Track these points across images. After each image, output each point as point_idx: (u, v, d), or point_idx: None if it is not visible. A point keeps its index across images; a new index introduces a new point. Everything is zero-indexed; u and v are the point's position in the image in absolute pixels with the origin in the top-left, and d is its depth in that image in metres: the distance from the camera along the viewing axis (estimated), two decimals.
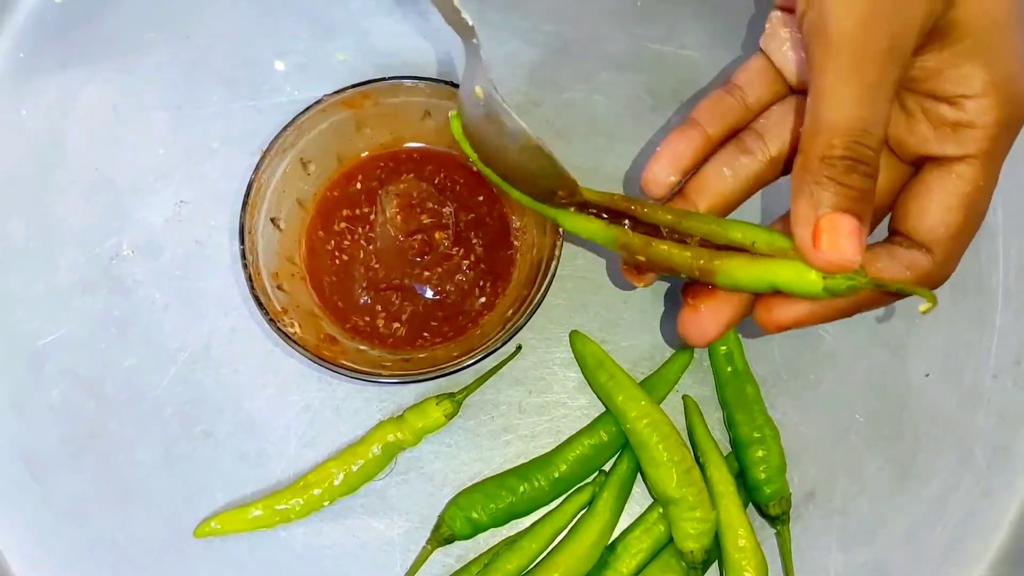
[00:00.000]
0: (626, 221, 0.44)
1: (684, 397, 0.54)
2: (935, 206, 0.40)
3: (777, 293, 0.41)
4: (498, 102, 0.42)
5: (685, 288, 0.45)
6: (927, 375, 0.55)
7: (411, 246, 0.53)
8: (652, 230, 0.44)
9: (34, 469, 0.54)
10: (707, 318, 0.43)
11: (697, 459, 0.52)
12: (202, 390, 0.55)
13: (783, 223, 0.44)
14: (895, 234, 0.42)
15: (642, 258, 0.44)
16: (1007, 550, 0.54)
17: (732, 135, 0.46)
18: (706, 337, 0.43)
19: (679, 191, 0.46)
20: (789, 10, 0.46)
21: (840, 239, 0.37)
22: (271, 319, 0.48)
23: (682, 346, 0.55)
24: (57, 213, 0.57)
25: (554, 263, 0.49)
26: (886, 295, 0.41)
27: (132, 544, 0.53)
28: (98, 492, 0.54)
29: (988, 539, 0.54)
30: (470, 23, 0.42)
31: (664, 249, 0.43)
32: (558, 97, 0.59)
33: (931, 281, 0.41)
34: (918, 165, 0.42)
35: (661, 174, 0.46)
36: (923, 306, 0.39)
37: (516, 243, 0.55)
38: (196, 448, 0.54)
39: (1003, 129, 0.39)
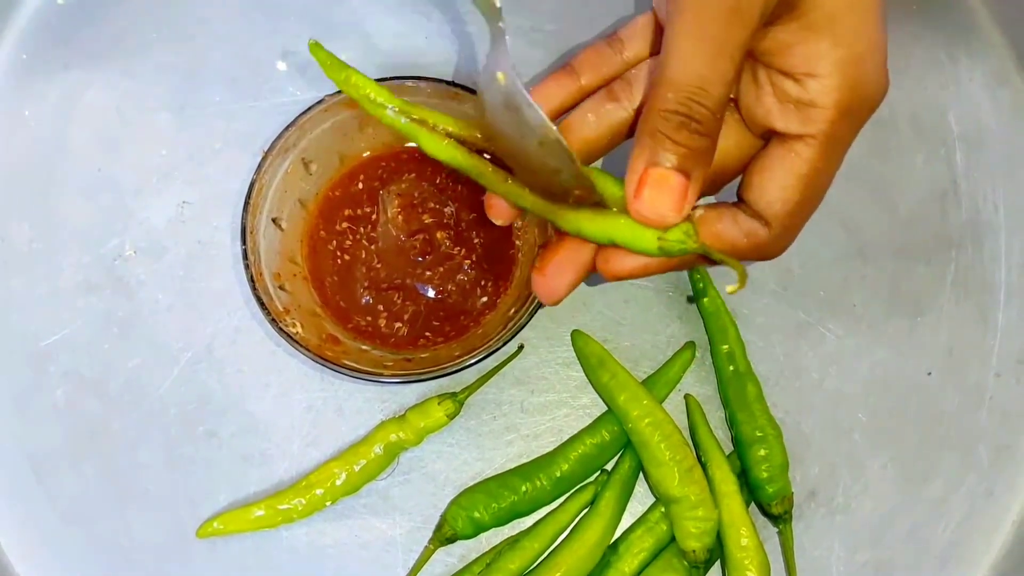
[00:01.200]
0: (487, 155, 0.43)
1: (686, 396, 0.54)
2: (773, 182, 0.39)
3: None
4: (520, 91, 0.41)
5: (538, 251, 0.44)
6: (929, 374, 0.55)
7: (412, 246, 0.53)
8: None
9: (38, 469, 0.54)
10: (553, 278, 0.43)
11: (699, 458, 0.52)
12: (205, 390, 0.55)
13: None
14: (741, 201, 0.41)
15: (497, 193, 0.43)
16: (1010, 549, 0.53)
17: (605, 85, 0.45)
18: (555, 295, 0.43)
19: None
20: None
21: (661, 194, 0.37)
22: (273, 319, 0.49)
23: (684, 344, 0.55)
24: (60, 214, 0.57)
25: None
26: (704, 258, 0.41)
27: (135, 544, 0.53)
28: (101, 492, 0.54)
29: (991, 538, 0.54)
30: (498, 4, 0.40)
31: (515, 188, 0.42)
32: None
33: (766, 252, 0.41)
34: (766, 138, 0.41)
35: None
36: (731, 287, 0.39)
37: (517, 242, 0.55)
38: (199, 448, 0.54)
39: (844, 113, 0.38)
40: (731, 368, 0.54)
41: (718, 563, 0.52)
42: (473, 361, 0.49)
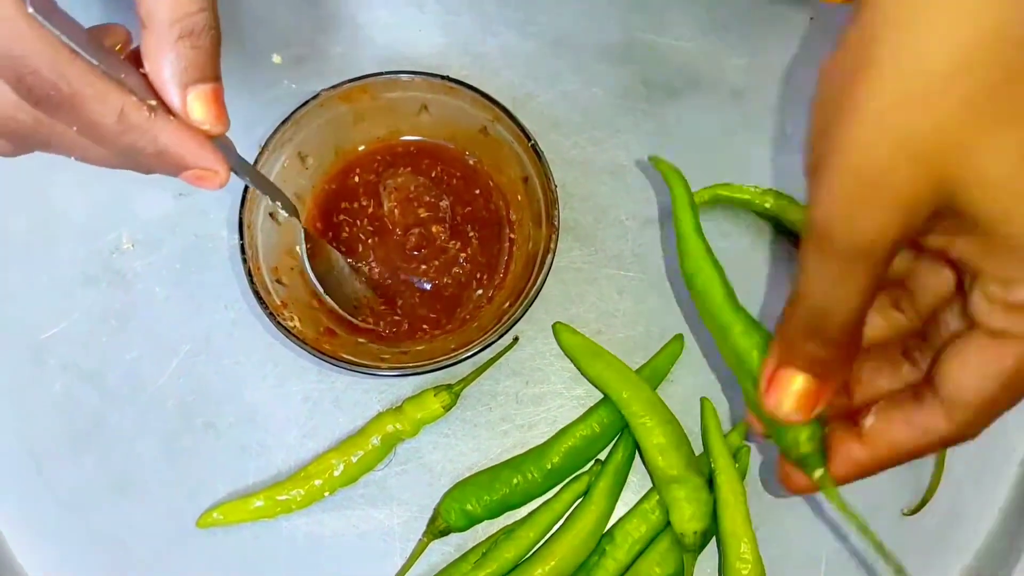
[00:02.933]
0: None
1: (702, 400, 0.55)
2: (969, 371, 0.38)
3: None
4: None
5: None
6: None
7: (408, 239, 0.54)
8: None
9: (38, 461, 0.55)
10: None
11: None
12: (203, 382, 0.56)
13: None
14: (927, 380, 0.40)
15: None
16: (997, 537, 0.54)
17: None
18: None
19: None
20: None
21: (784, 394, 0.39)
22: (271, 313, 0.49)
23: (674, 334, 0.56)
24: (57, 207, 0.58)
25: (549, 256, 0.50)
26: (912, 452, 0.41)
27: (135, 534, 0.54)
28: (101, 483, 0.54)
29: (978, 527, 0.55)
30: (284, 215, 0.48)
31: None
32: (553, 89, 0.60)
33: (945, 444, 0.40)
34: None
35: None
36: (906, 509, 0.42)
37: (512, 235, 0.55)
38: (198, 439, 0.55)
39: None
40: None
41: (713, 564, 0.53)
42: (468, 354, 0.49)
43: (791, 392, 0.39)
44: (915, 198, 0.33)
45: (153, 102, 0.37)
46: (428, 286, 0.54)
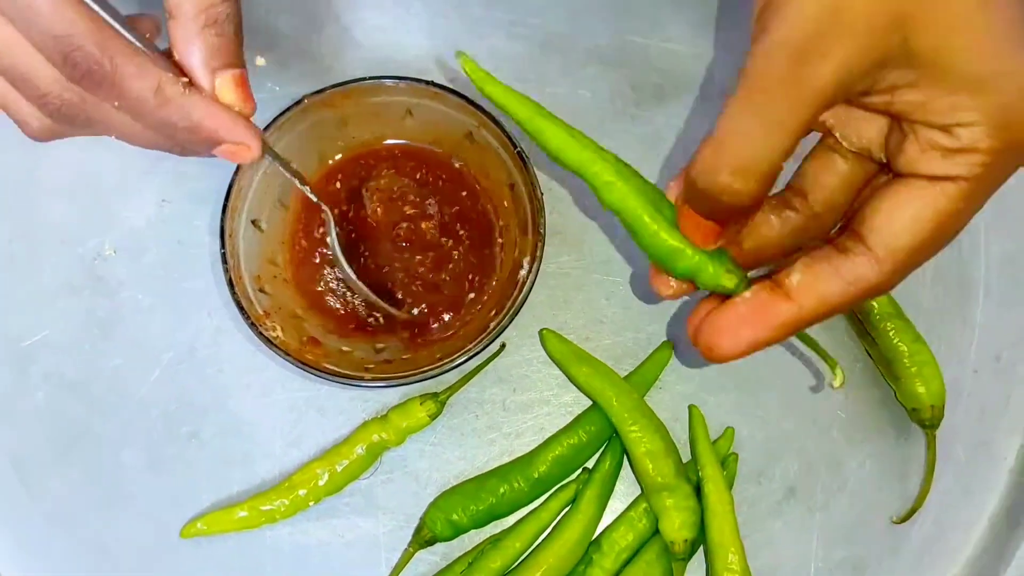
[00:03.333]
0: None
1: (690, 407, 0.55)
2: (902, 216, 0.38)
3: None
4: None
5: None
6: None
7: (397, 233, 0.53)
8: None
9: (21, 471, 0.54)
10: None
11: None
12: (187, 391, 0.55)
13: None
14: (849, 233, 0.40)
15: None
16: (986, 545, 0.54)
17: None
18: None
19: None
20: None
21: (694, 227, 0.40)
22: (252, 324, 0.49)
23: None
24: (40, 214, 0.57)
25: (536, 264, 0.50)
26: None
27: (119, 545, 0.54)
28: (85, 493, 0.54)
29: (968, 534, 0.54)
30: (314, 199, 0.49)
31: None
32: (542, 91, 0.59)
33: (874, 293, 0.40)
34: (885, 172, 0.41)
35: None
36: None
37: (500, 240, 0.55)
38: (182, 449, 0.54)
39: (998, 156, 0.36)
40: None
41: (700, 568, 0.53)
42: (454, 364, 0.49)
43: (697, 223, 0.39)
44: (872, 33, 0.34)
45: (186, 79, 0.39)
46: (416, 287, 0.53)
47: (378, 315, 0.53)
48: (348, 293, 0.54)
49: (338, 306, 0.54)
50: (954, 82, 0.35)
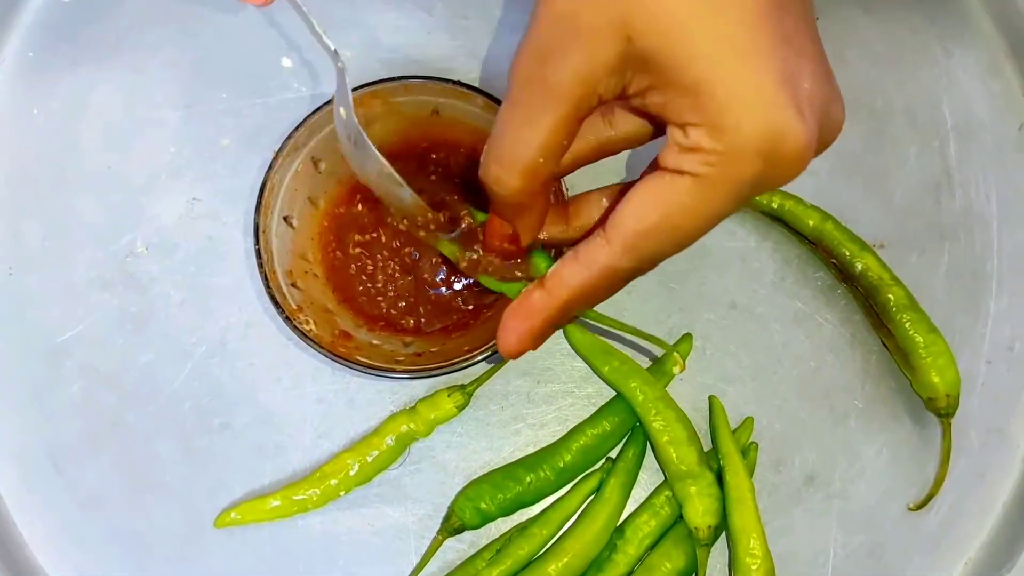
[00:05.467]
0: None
1: (710, 397, 0.56)
2: (632, 201, 0.39)
3: None
4: (355, 125, 0.47)
5: None
6: None
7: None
8: None
9: (57, 462, 0.56)
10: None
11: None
12: (218, 384, 0.56)
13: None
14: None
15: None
16: (1000, 529, 0.55)
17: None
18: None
19: (562, 203, 0.46)
20: None
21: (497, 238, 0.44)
22: (287, 317, 0.50)
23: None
24: (72, 212, 0.58)
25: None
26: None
27: (153, 534, 0.55)
28: (119, 484, 0.55)
29: (982, 520, 0.56)
30: (332, 47, 0.48)
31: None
32: None
33: (610, 275, 0.40)
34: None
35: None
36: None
37: None
38: (214, 440, 0.56)
39: (724, 160, 0.36)
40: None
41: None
42: (482, 356, 0.50)
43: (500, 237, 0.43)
44: (599, 37, 0.35)
45: None
46: (443, 287, 0.54)
47: (409, 318, 0.55)
48: (378, 288, 0.55)
49: (365, 300, 0.55)
50: (680, 82, 0.36)
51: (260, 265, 0.51)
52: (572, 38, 0.36)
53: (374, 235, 0.55)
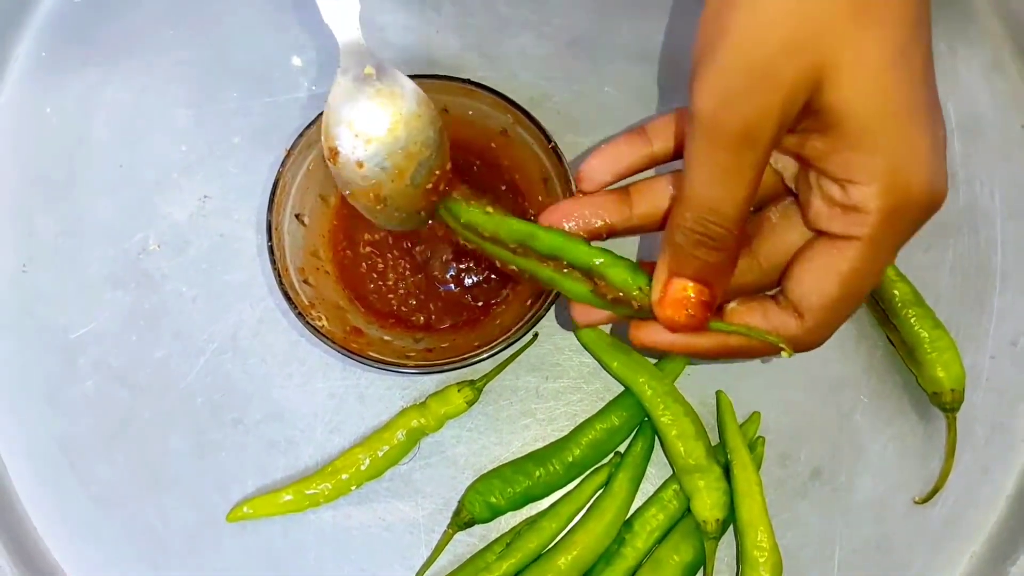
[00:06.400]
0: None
1: (717, 392, 0.57)
2: (812, 275, 0.40)
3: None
4: (390, 68, 0.47)
5: None
6: None
7: (434, 235, 0.55)
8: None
9: (71, 457, 0.56)
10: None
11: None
12: (230, 380, 0.57)
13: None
14: (780, 288, 0.43)
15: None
16: (1005, 523, 0.56)
17: (678, 156, 0.46)
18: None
19: (623, 188, 0.47)
20: None
21: (682, 303, 0.41)
22: (300, 314, 0.50)
23: None
24: (85, 209, 0.59)
25: None
26: (756, 347, 0.43)
27: (167, 528, 0.55)
28: (133, 479, 0.56)
29: (987, 514, 0.56)
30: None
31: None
32: (568, 89, 0.61)
33: (797, 345, 0.42)
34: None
35: (597, 171, 0.47)
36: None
37: None
38: (226, 436, 0.56)
39: (888, 218, 0.38)
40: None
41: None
42: (492, 352, 0.51)
43: (688, 301, 0.40)
44: (794, 84, 0.36)
45: None
46: (453, 285, 0.55)
47: (420, 314, 0.55)
48: (389, 285, 0.55)
49: (376, 297, 0.56)
50: (852, 138, 0.37)
51: (273, 262, 0.51)
52: (773, 87, 0.36)
53: (384, 233, 0.56)
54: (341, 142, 0.48)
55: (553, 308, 0.52)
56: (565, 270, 0.45)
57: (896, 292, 0.55)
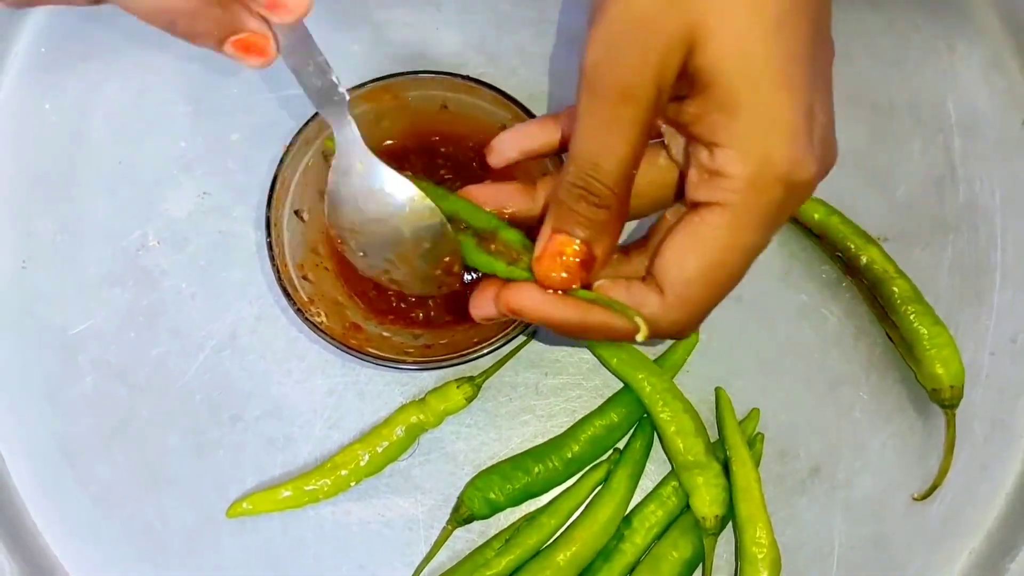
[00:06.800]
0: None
1: (716, 389, 0.57)
2: (674, 246, 0.39)
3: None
4: (381, 165, 0.47)
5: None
6: None
7: None
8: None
9: (70, 455, 0.56)
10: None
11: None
12: (229, 377, 0.57)
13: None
14: (650, 264, 0.41)
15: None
16: (1004, 520, 0.56)
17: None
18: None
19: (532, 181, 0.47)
20: None
21: (560, 259, 0.40)
22: (299, 310, 0.50)
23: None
24: (83, 206, 0.59)
25: None
26: (615, 329, 0.41)
27: (166, 525, 0.55)
28: (132, 476, 0.56)
29: (986, 511, 0.56)
30: (342, 90, 0.47)
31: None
32: (568, 86, 0.61)
33: (658, 326, 0.40)
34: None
35: (506, 145, 0.47)
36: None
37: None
38: (225, 433, 0.56)
39: (752, 185, 0.37)
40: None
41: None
42: (491, 348, 0.51)
43: (567, 256, 0.40)
44: (669, 39, 0.36)
45: None
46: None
47: (418, 311, 0.55)
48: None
49: (375, 293, 0.56)
50: (719, 100, 0.37)
51: (272, 258, 0.51)
52: (650, 40, 0.36)
53: None
54: (342, 233, 0.48)
55: None
56: (472, 237, 0.45)
57: (895, 289, 0.55)
